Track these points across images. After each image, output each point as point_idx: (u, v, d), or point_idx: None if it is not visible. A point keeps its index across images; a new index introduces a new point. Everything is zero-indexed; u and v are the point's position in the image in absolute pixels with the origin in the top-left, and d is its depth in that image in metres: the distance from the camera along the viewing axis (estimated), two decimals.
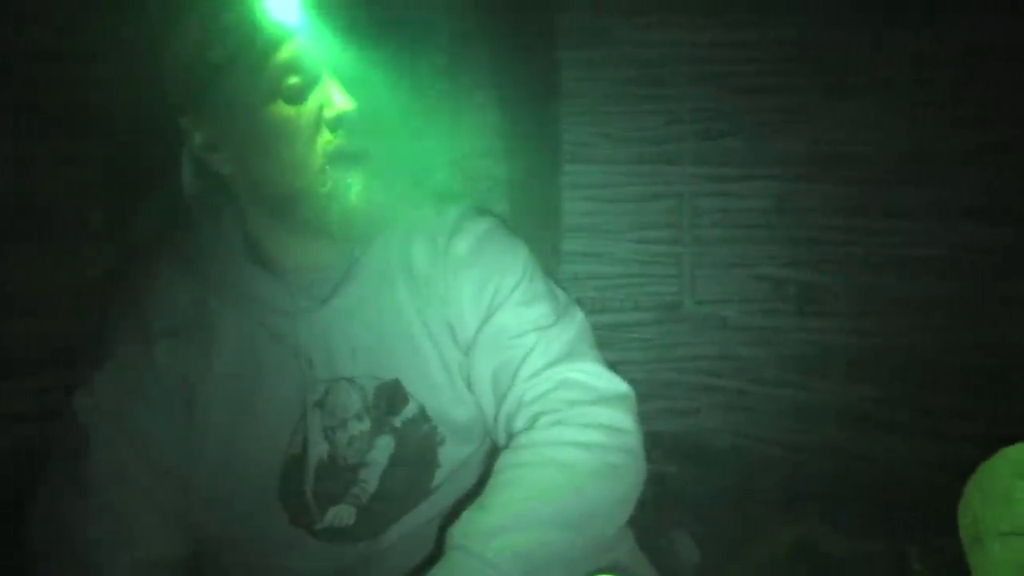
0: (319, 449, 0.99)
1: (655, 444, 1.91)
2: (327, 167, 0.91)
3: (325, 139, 0.91)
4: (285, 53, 0.89)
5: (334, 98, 0.90)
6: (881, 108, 1.73)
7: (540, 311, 1.01)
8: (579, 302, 1.87)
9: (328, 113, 0.90)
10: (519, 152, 1.78)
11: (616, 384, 0.98)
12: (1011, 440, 1.05)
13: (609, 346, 1.85)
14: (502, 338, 0.99)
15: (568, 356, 0.99)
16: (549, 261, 1.79)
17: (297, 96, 0.90)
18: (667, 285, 1.84)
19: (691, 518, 1.72)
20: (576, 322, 1.04)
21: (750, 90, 1.76)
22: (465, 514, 0.86)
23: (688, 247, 1.81)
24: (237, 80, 0.89)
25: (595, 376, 0.97)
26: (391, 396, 1.00)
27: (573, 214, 1.82)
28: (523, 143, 1.77)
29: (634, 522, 1.01)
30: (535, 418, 0.94)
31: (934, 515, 1.08)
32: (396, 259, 1.01)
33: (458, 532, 0.84)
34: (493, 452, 1.04)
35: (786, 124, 1.76)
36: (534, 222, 1.79)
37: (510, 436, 0.96)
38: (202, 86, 0.90)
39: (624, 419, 0.95)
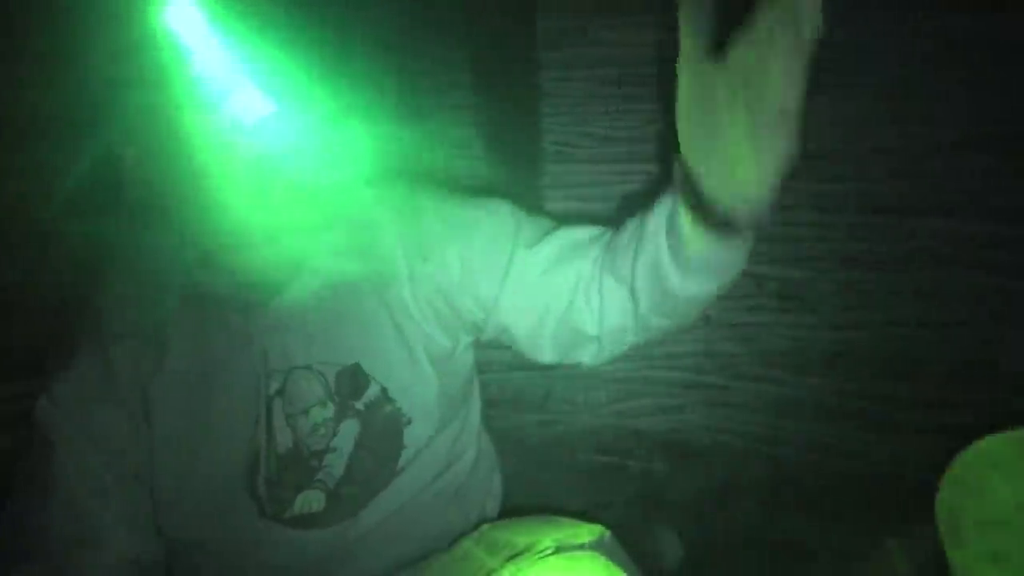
0: (283, 438, 1.00)
1: (639, 441, 1.92)
2: (248, 172, 0.92)
3: (244, 144, 0.91)
4: (195, 64, 0.88)
5: (252, 102, 0.90)
6: (858, 105, 1.75)
7: (542, 222, 1.11)
8: None
9: (247, 117, 0.90)
10: (500, 153, 1.78)
11: None
12: (989, 432, 1.06)
13: None
14: (533, 263, 1.04)
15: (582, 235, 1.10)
16: None
17: (211, 103, 0.90)
18: None
19: (675, 514, 1.73)
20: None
21: None
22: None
23: None
24: (148, 95, 0.89)
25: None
26: (352, 380, 1.02)
27: (555, 214, 1.82)
28: (504, 144, 1.77)
29: (617, 519, 1.02)
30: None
31: (914, 507, 1.10)
32: (351, 241, 1.03)
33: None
34: (458, 439, 1.05)
35: None
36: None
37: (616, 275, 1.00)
38: (117, 101, 0.91)
39: None
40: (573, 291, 1.01)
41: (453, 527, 1.10)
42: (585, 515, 1.01)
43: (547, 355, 1.05)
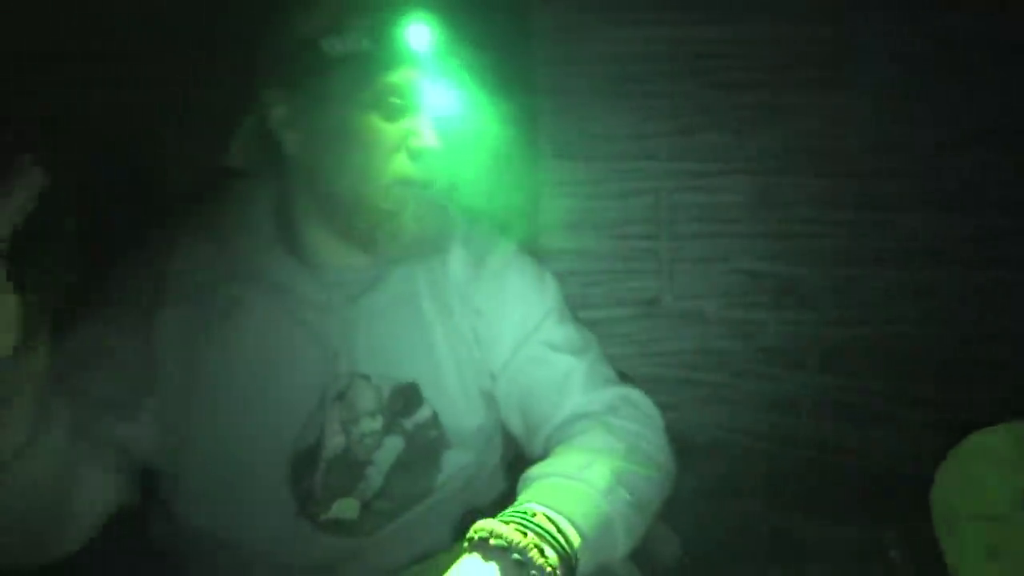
0: (336, 441, 0.99)
1: None
2: (393, 187, 0.93)
3: (401, 162, 0.93)
4: (400, 75, 0.91)
5: (423, 130, 0.93)
6: (854, 102, 1.75)
7: (577, 330, 1.08)
8: None
9: (414, 142, 0.93)
10: (498, 149, 1.78)
11: (657, 412, 1.06)
12: (983, 427, 1.07)
13: None
14: (541, 357, 1.04)
15: (608, 376, 1.06)
16: None
17: (392, 115, 0.92)
18: (647, 280, 1.85)
19: (671, 511, 1.73)
20: (598, 346, 1.10)
21: (727, 86, 1.77)
22: (566, 460, 0.90)
23: (667, 242, 1.82)
24: (345, 78, 0.90)
25: (646, 404, 1.06)
26: (407, 398, 1.02)
27: (553, 211, 1.82)
28: (501, 139, 1.77)
29: None
30: (602, 417, 1.00)
31: (909, 501, 1.10)
32: (425, 267, 1.04)
33: (571, 471, 0.88)
34: (483, 465, 1.05)
35: (762, 120, 1.77)
36: (513, 219, 1.79)
37: (558, 444, 0.99)
38: (310, 70, 0.91)
39: (666, 447, 1.03)
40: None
41: (459, 530, 1.09)
42: None
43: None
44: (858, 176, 1.78)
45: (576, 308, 1.85)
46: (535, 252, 1.81)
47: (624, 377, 1.11)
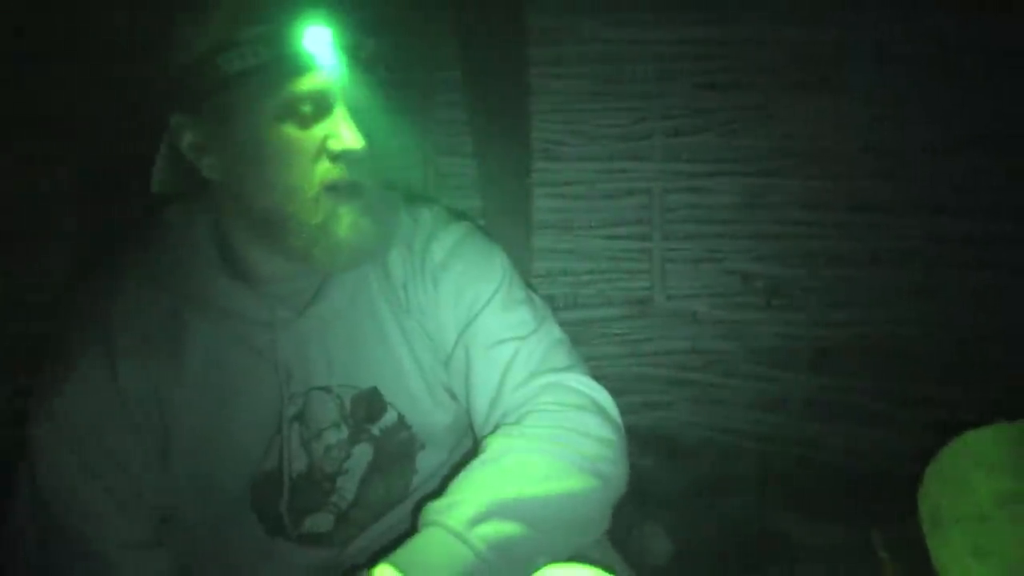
0: (298, 463, 0.98)
1: (629, 438, 1.92)
2: (321, 197, 0.89)
3: (324, 169, 0.88)
4: (305, 81, 0.86)
5: (342, 132, 0.87)
6: (846, 104, 1.75)
7: (520, 317, 1.00)
8: (551, 299, 1.91)
9: (334, 145, 0.88)
10: (489, 150, 1.78)
11: (602, 394, 0.98)
12: (971, 428, 1.07)
13: (582, 342, 1.86)
14: (482, 347, 0.98)
15: (552, 364, 0.98)
16: (521, 258, 1.80)
17: (305, 122, 0.87)
18: (638, 280, 1.86)
19: (663, 510, 1.74)
20: (555, 327, 1.03)
21: (718, 87, 1.78)
22: (451, 492, 0.85)
23: (658, 243, 1.83)
24: (250, 93, 0.86)
25: (582, 384, 0.97)
26: (369, 405, 1.00)
27: (544, 211, 1.82)
28: (493, 141, 1.77)
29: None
30: (525, 415, 0.93)
31: (898, 501, 1.11)
32: (372, 266, 1.00)
33: (441, 509, 0.83)
34: (463, 462, 1.04)
35: (753, 120, 1.78)
36: (505, 219, 1.79)
37: (500, 426, 0.95)
38: (210, 90, 0.86)
39: (612, 430, 0.95)
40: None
41: None
42: None
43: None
44: (850, 178, 1.79)
45: (568, 308, 1.88)
46: (527, 252, 1.84)
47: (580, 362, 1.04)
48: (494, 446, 0.90)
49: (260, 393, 0.96)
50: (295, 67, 0.85)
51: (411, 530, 0.84)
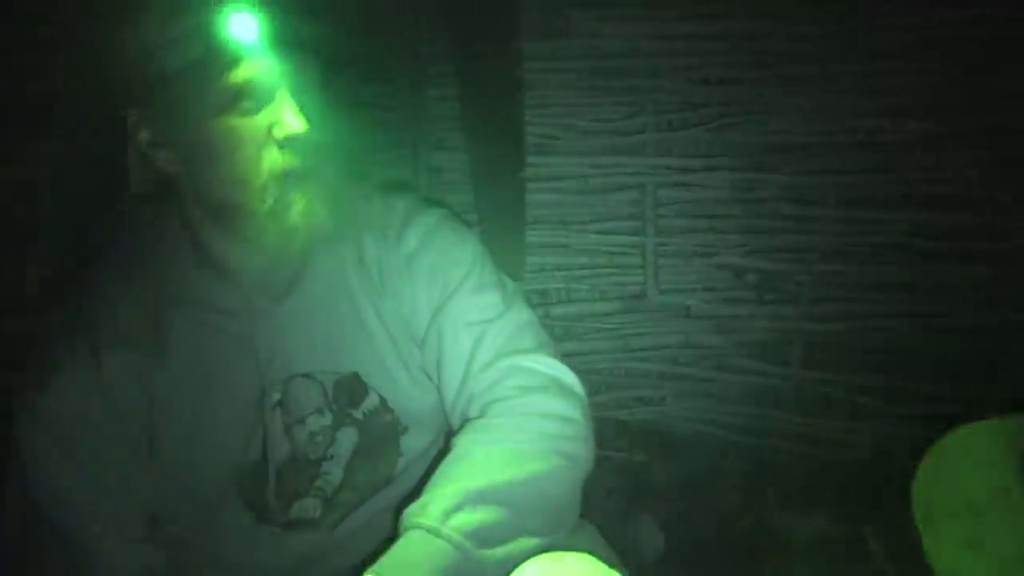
0: (281, 450, 0.99)
1: (621, 432, 1.93)
2: (270, 184, 0.90)
3: (273, 156, 0.89)
4: (244, 70, 0.87)
5: (286, 118, 0.88)
6: (836, 99, 1.76)
7: (489, 300, 1.01)
8: (544, 293, 1.91)
9: (278, 132, 0.89)
10: (483, 144, 1.78)
11: (565, 373, 0.98)
12: (964, 422, 1.08)
13: (575, 336, 1.87)
14: (451, 329, 0.99)
15: (517, 346, 0.99)
16: (514, 253, 1.80)
17: (249, 111, 0.88)
18: (631, 275, 1.86)
19: (656, 504, 1.75)
20: (524, 310, 1.04)
21: (710, 82, 1.78)
22: (424, 493, 0.86)
23: (651, 237, 1.83)
24: (189, 88, 0.87)
25: (545, 365, 0.98)
26: (351, 389, 1.01)
27: (538, 206, 1.82)
28: (486, 136, 1.77)
29: (598, 509, 1.02)
30: (489, 405, 0.95)
31: (890, 495, 1.11)
32: (349, 253, 1.01)
33: (416, 511, 0.84)
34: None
35: (745, 115, 1.78)
36: (498, 214, 1.79)
37: (466, 423, 0.96)
38: (150, 88, 0.87)
39: (575, 408, 0.95)
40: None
41: None
42: None
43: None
44: (841, 173, 1.79)
45: (561, 303, 1.88)
46: (520, 246, 1.84)
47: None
48: (461, 443, 0.92)
49: (241, 382, 0.97)
50: (229, 58, 0.86)
51: (393, 536, 0.85)
